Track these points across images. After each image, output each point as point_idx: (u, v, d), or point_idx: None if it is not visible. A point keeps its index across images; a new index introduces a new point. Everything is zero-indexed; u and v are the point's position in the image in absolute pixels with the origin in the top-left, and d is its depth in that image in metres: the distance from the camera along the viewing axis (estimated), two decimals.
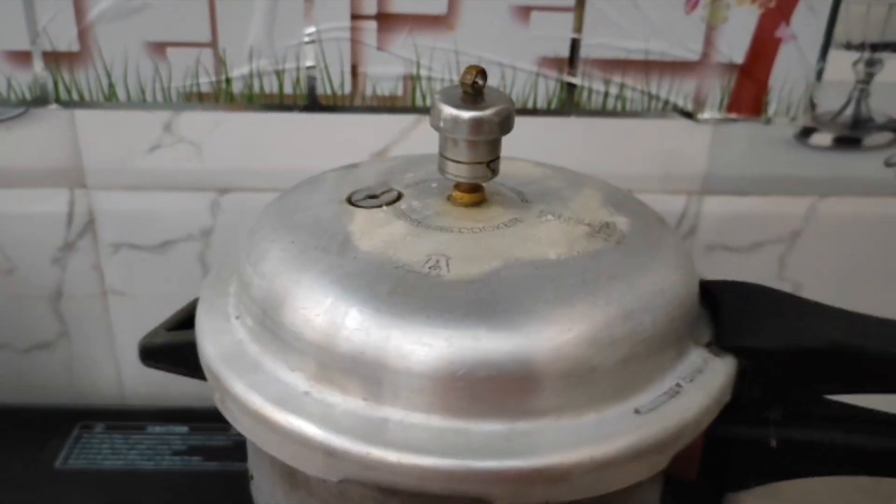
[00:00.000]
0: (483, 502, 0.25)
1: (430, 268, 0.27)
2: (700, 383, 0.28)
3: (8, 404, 0.57)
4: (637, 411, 0.27)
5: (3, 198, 0.52)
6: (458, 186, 0.31)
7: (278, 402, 0.27)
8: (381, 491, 0.26)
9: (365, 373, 0.26)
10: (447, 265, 0.27)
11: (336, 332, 0.26)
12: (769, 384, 0.30)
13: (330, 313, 0.26)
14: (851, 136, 0.52)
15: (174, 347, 0.33)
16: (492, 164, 0.30)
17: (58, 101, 0.49)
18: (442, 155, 0.30)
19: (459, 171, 0.30)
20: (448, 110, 0.28)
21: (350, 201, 0.32)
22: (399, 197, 0.32)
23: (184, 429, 0.54)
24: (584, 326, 0.26)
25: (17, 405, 0.57)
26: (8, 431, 0.54)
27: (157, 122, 0.50)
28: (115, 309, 0.56)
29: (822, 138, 0.52)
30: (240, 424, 0.28)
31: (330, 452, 0.25)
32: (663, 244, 0.31)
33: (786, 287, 0.55)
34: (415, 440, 0.25)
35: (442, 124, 0.29)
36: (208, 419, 0.54)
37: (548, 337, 0.26)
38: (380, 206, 0.31)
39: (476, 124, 0.28)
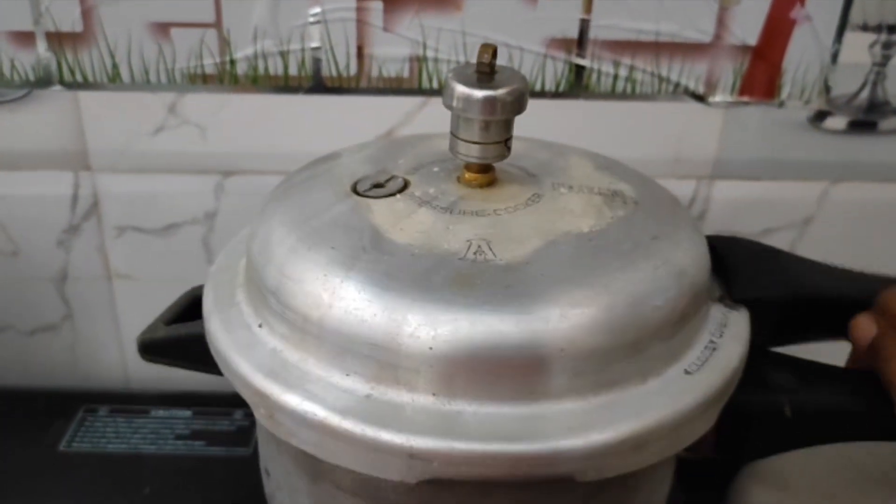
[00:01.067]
0: (569, 480, 0.25)
1: (474, 253, 0.27)
2: (730, 336, 0.30)
3: (13, 387, 0.57)
4: (687, 371, 0.27)
5: (7, 180, 0.51)
6: (468, 168, 0.30)
7: (344, 411, 0.25)
8: (464, 486, 0.26)
9: (435, 369, 0.25)
10: (490, 249, 0.27)
11: (398, 329, 0.25)
12: (769, 331, 0.31)
13: (389, 311, 0.25)
14: (867, 119, 0.51)
15: (173, 342, 0.33)
16: (506, 143, 0.30)
17: (61, 82, 0.49)
18: (454, 135, 0.29)
19: (471, 152, 0.29)
20: (461, 89, 0.28)
21: (357, 192, 0.31)
22: (406, 184, 0.31)
23: (187, 413, 0.54)
24: (649, 288, 0.27)
25: (21, 388, 0.57)
26: (12, 414, 0.54)
27: (161, 103, 0.49)
28: (119, 292, 0.56)
29: (837, 122, 0.51)
30: (298, 439, 0.26)
31: (412, 454, 0.24)
32: (669, 201, 0.32)
33: None
34: (495, 429, 0.25)
35: (455, 103, 0.28)
36: (212, 403, 0.54)
37: (618, 304, 0.26)
38: (391, 194, 0.30)
39: (489, 104, 0.28)
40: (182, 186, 0.52)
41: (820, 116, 0.51)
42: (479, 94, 0.28)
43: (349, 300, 0.26)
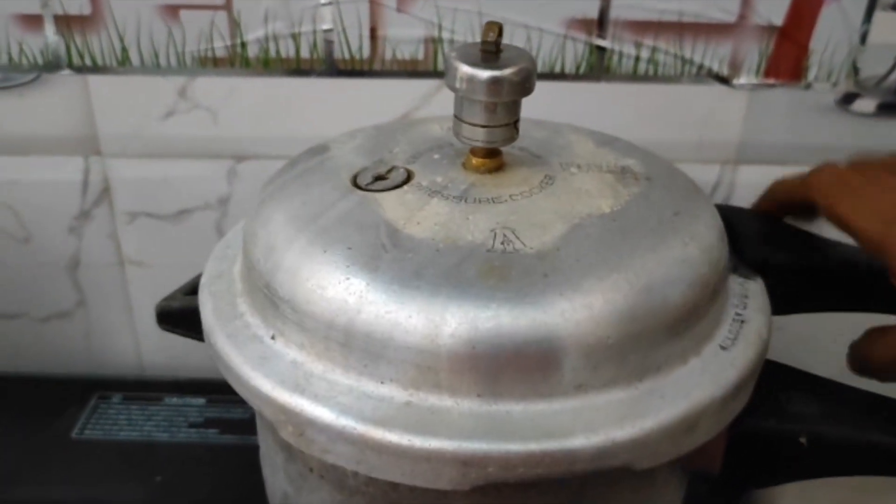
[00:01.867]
0: (627, 469, 0.24)
1: (502, 243, 0.26)
2: (754, 307, 0.29)
3: (26, 373, 0.57)
4: (722, 347, 0.27)
5: (18, 165, 0.51)
6: (475, 152, 0.29)
7: (384, 422, 0.24)
8: (520, 487, 0.25)
9: (479, 368, 0.24)
10: (516, 237, 0.26)
11: (437, 331, 0.24)
12: (782, 299, 0.31)
13: (424, 312, 0.24)
14: None
15: (191, 311, 0.31)
16: (514, 125, 0.29)
17: (70, 66, 0.48)
18: (458, 118, 0.28)
19: (477, 135, 0.28)
20: (465, 69, 0.27)
21: (359, 186, 0.29)
22: (409, 174, 0.30)
23: (201, 401, 0.53)
24: (683, 268, 0.26)
25: (35, 374, 0.57)
26: (26, 401, 0.54)
27: (171, 87, 0.49)
28: (132, 278, 0.55)
29: (866, 104, 0.49)
30: (334, 455, 0.25)
31: (466, 461, 0.23)
32: (677, 174, 0.32)
33: None
34: (548, 426, 0.24)
35: (458, 84, 0.27)
36: (226, 391, 0.53)
37: (656, 285, 0.25)
38: (396, 186, 0.29)
39: (496, 84, 0.27)
40: (194, 171, 0.51)
41: (848, 99, 0.49)
42: (485, 74, 0.26)
43: (379, 304, 0.24)
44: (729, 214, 0.32)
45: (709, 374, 0.26)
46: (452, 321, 0.24)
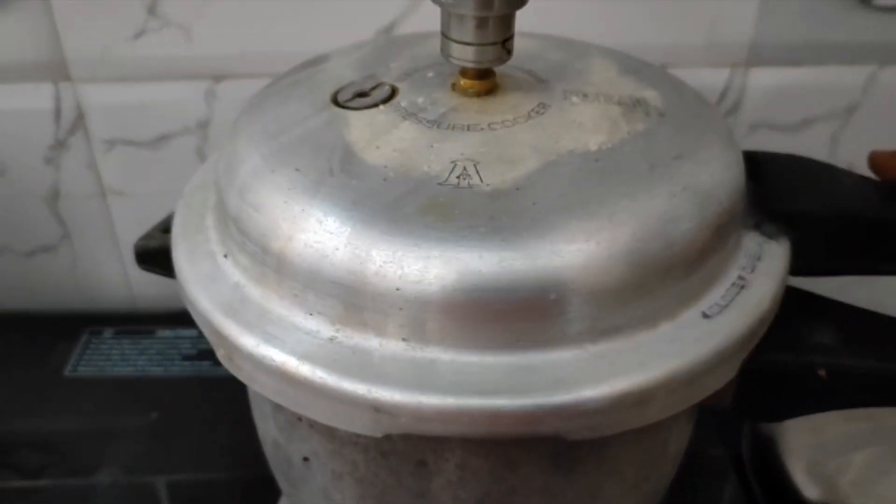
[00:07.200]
0: (558, 439, 0.22)
1: (458, 177, 0.23)
2: (762, 271, 0.26)
3: (15, 310, 0.56)
4: (706, 315, 0.24)
5: None
6: (464, 73, 0.27)
7: (304, 356, 0.23)
8: (435, 442, 0.23)
9: (404, 310, 0.22)
10: (476, 172, 0.23)
11: (362, 267, 0.22)
12: (816, 257, 0.27)
13: (352, 245, 0.22)
14: None
15: (168, 251, 0.30)
16: (506, 43, 0.26)
17: None
18: (445, 35, 0.25)
19: (466, 55, 0.25)
20: None
21: (337, 102, 0.27)
22: (394, 92, 0.27)
23: (192, 332, 0.52)
24: (663, 219, 0.23)
25: (24, 311, 0.56)
26: (16, 338, 0.53)
27: (139, 4, 0.45)
28: (115, 209, 0.53)
29: None
30: (258, 384, 0.24)
31: (378, 408, 0.22)
32: (705, 113, 0.28)
33: None
34: (473, 381, 0.22)
35: None
36: None
37: (622, 238, 0.22)
38: (375, 105, 0.27)
39: None
40: (170, 94, 0.48)
41: None
42: None
43: (310, 232, 0.23)
44: (762, 161, 0.29)
45: (678, 344, 0.23)
46: (378, 258, 0.22)
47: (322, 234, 0.23)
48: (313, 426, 0.26)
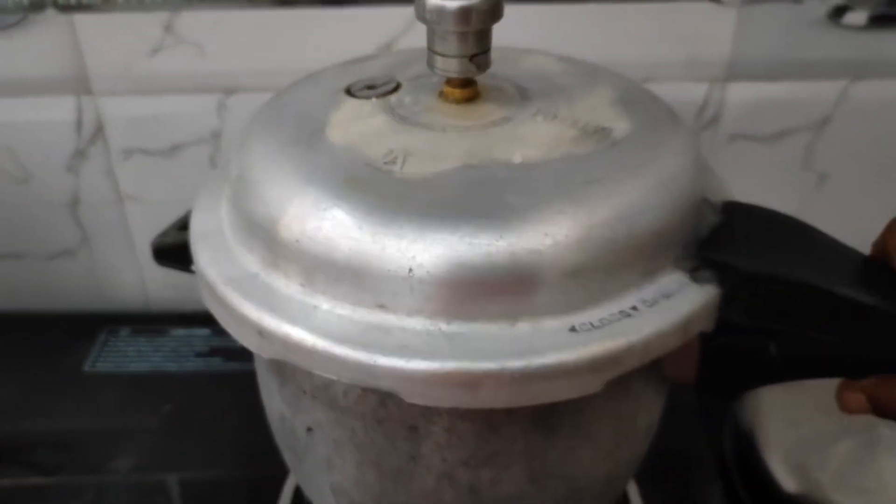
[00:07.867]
0: (393, 397, 0.25)
1: (386, 163, 0.27)
2: (661, 309, 0.26)
3: (37, 311, 0.59)
4: (573, 329, 0.25)
5: (12, 106, 0.51)
6: (449, 82, 0.30)
7: (228, 281, 0.28)
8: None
9: (302, 261, 0.26)
10: (403, 162, 0.27)
11: (280, 218, 0.27)
12: (753, 313, 0.27)
13: (279, 198, 0.27)
14: (888, 13, 0.48)
15: (186, 246, 0.32)
16: (480, 56, 0.28)
17: (55, 5, 0.48)
18: (430, 49, 0.28)
19: (448, 66, 0.28)
20: (433, 1, 0.27)
21: (349, 91, 0.31)
22: (395, 89, 0.31)
23: (205, 331, 0.55)
24: (534, 233, 0.24)
25: (45, 311, 0.59)
26: (37, 338, 0.56)
27: (157, 23, 0.48)
28: (132, 215, 0.56)
29: (857, 17, 0.48)
30: (206, 300, 0.29)
31: (260, 331, 0.26)
32: (665, 151, 0.28)
33: (811, 178, 0.54)
34: (336, 329, 0.25)
35: (427, 15, 0.27)
36: None
37: (488, 239, 0.24)
38: (371, 97, 0.30)
39: (463, 14, 0.27)
40: (184, 107, 0.51)
41: (839, 11, 0.48)
42: (452, 4, 0.26)
43: (258, 183, 0.28)
44: (737, 212, 0.29)
45: (522, 346, 0.24)
46: (292, 213, 0.26)
47: (264, 187, 0.28)
48: (316, 397, 0.29)
